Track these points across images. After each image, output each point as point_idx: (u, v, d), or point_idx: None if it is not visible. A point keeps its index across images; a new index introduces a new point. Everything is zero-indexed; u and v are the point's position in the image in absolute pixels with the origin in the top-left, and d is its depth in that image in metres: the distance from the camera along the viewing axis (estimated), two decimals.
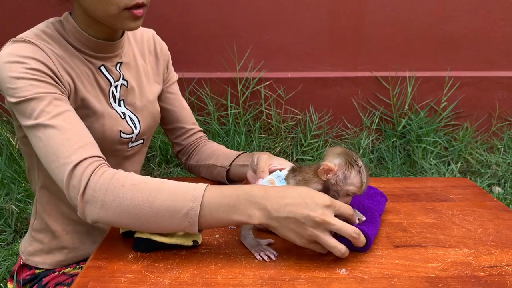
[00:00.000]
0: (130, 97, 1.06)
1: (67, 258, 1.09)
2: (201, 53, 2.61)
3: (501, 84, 2.65)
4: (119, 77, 1.04)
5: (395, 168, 2.51)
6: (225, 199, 0.77)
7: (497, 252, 0.84)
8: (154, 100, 1.14)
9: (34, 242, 1.10)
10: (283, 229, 0.76)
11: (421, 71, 2.64)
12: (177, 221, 0.76)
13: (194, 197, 0.76)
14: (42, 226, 1.08)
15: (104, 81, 1.01)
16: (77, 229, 1.08)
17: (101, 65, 1.00)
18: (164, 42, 1.21)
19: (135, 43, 1.12)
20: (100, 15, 0.90)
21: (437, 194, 1.11)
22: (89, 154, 0.82)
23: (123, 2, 0.87)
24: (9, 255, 1.86)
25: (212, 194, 0.77)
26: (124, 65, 1.06)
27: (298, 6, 2.53)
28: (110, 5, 0.87)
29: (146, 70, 1.13)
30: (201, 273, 0.76)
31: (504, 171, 2.46)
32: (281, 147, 2.60)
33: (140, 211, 0.77)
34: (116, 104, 1.03)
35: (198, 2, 2.52)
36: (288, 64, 2.63)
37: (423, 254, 0.82)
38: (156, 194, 0.77)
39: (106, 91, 1.01)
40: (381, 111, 2.66)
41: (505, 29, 2.57)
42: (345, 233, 0.75)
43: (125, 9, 0.88)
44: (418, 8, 2.53)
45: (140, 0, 0.88)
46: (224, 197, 0.77)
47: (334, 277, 0.75)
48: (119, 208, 0.77)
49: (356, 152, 0.86)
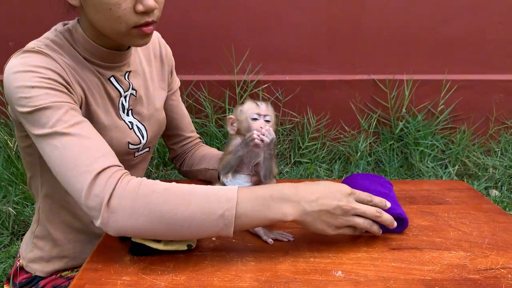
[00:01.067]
0: (138, 106, 1.05)
1: (66, 266, 1.09)
2: (199, 56, 2.61)
3: (498, 87, 2.66)
4: (129, 87, 1.02)
5: (393, 171, 2.51)
6: (258, 199, 0.78)
7: (492, 254, 0.84)
8: (160, 107, 1.13)
9: (35, 249, 1.09)
10: (316, 222, 0.80)
11: (419, 74, 2.64)
12: (213, 223, 0.75)
13: (229, 198, 0.76)
14: (44, 234, 1.07)
15: (115, 92, 0.99)
16: (79, 238, 1.07)
17: (111, 76, 0.98)
18: (168, 46, 1.20)
19: (140, 50, 1.10)
20: (108, 31, 0.87)
21: (434, 197, 1.12)
22: (111, 163, 0.80)
23: (132, 20, 0.84)
24: (6, 257, 1.86)
25: (245, 194, 0.78)
26: (132, 73, 1.04)
27: (296, 9, 2.54)
28: (119, 23, 0.84)
29: (152, 76, 1.11)
30: (197, 276, 0.76)
31: (501, 174, 2.46)
32: (279, 149, 2.61)
33: (174, 215, 0.75)
34: (125, 114, 1.02)
35: (197, 5, 2.52)
36: (286, 67, 2.64)
37: (419, 257, 0.83)
38: (190, 197, 0.76)
39: (116, 102, 0.99)
40: (379, 114, 2.67)
41: (502, 32, 2.58)
42: (370, 213, 0.83)
43: (134, 27, 0.85)
44: (415, 11, 2.54)
45: (150, 19, 0.86)
46: (257, 197, 0.78)
47: (330, 279, 0.75)
48: (152, 214, 0.75)
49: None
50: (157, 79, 1.13)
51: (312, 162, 2.56)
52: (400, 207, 0.95)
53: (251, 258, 0.82)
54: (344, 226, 0.83)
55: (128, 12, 0.83)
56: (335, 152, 2.64)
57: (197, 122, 2.55)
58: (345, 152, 2.62)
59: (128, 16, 0.83)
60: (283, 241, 0.88)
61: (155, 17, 0.88)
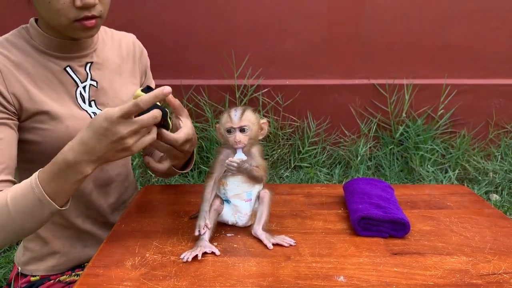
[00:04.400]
0: (101, 98, 1.07)
1: (59, 262, 1.10)
2: (199, 61, 2.61)
3: (498, 91, 2.66)
4: (87, 78, 1.04)
5: (393, 175, 2.51)
6: (55, 175, 0.81)
7: (495, 259, 0.84)
8: (129, 101, 1.14)
9: (26, 252, 1.11)
10: (113, 156, 0.81)
11: (418, 78, 2.65)
12: (39, 212, 0.81)
13: (34, 187, 0.80)
14: (32, 235, 1.08)
15: (70, 82, 1.02)
16: (66, 233, 1.09)
17: (66, 66, 1.01)
18: (144, 48, 1.22)
19: (112, 46, 1.13)
20: (53, 24, 0.93)
21: (435, 202, 1.12)
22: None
23: (72, 14, 0.89)
24: (5, 262, 1.85)
25: (43, 177, 0.81)
26: (95, 65, 1.06)
27: (296, 14, 2.55)
28: (59, 16, 0.89)
29: (121, 71, 1.13)
30: (199, 281, 0.76)
31: (501, 179, 2.46)
32: (279, 154, 2.61)
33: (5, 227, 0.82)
34: (86, 105, 1.04)
35: (197, 11, 2.53)
36: (286, 71, 2.64)
37: (421, 262, 0.82)
38: (8, 208, 0.81)
39: (73, 92, 1.02)
40: (379, 118, 2.67)
41: (502, 37, 2.59)
42: (146, 123, 0.81)
43: (76, 21, 0.90)
44: (415, 16, 2.55)
45: (89, 13, 0.90)
46: (53, 175, 0.81)
47: (332, 284, 0.75)
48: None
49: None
50: (127, 75, 1.15)
51: (312, 167, 2.56)
52: (401, 212, 0.95)
53: (253, 264, 0.82)
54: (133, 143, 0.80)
55: (67, 6, 0.88)
56: (335, 156, 2.64)
57: (197, 126, 2.55)
58: (345, 157, 2.62)
59: (67, 10, 0.88)
60: (284, 246, 0.88)
61: (97, 12, 0.92)
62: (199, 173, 2.48)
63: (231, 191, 0.92)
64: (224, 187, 0.92)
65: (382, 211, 0.93)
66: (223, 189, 0.93)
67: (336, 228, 0.97)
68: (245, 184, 0.92)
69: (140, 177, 2.46)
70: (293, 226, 0.98)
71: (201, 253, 0.83)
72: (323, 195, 1.15)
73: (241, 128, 0.90)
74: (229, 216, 0.94)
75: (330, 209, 1.07)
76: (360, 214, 0.92)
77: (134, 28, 1.19)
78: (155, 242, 0.90)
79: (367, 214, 0.92)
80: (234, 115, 0.90)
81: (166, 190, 1.21)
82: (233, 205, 0.93)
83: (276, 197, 1.08)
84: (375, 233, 0.92)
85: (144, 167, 2.51)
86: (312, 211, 1.06)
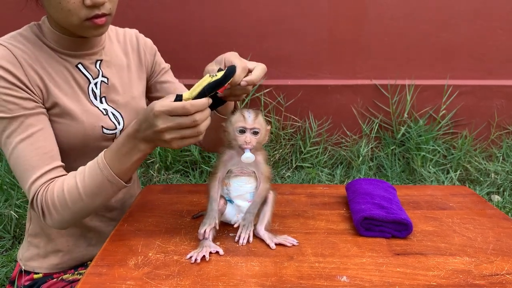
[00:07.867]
0: (111, 94, 1.08)
1: (62, 261, 1.10)
2: (201, 60, 2.59)
3: (500, 92, 2.66)
4: (98, 74, 1.06)
5: (395, 175, 2.51)
6: (120, 154, 0.87)
7: (497, 260, 0.84)
8: (138, 96, 1.15)
9: (30, 247, 1.11)
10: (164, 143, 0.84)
11: (420, 79, 2.64)
12: (108, 191, 0.89)
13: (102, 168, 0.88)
14: (37, 231, 1.10)
15: (82, 78, 1.03)
16: (72, 231, 1.10)
17: (78, 63, 1.03)
18: (148, 38, 1.23)
19: (117, 43, 1.14)
20: (64, 24, 0.93)
21: (437, 202, 1.12)
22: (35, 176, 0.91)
23: (82, 13, 0.90)
24: (8, 261, 1.86)
25: (110, 157, 0.88)
26: (104, 62, 1.08)
27: (298, 14, 2.55)
28: (71, 16, 0.90)
29: (129, 67, 1.15)
30: (202, 281, 0.76)
31: (503, 180, 2.46)
32: (281, 154, 2.61)
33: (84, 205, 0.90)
34: (98, 101, 1.05)
35: (199, 10, 2.53)
36: (287, 71, 2.64)
37: (423, 262, 0.83)
38: (82, 190, 0.89)
39: (85, 89, 1.03)
40: (380, 119, 2.67)
41: (503, 38, 2.58)
42: (184, 124, 0.82)
43: (87, 20, 0.91)
44: (417, 17, 2.55)
45: (100, 12, 0.91)
46: (119, 154, 0.88)
47: (335, 285, 0.75)
48: (72, 210, 0.90)
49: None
50: (135, 70, 1.16)
51: (314, 167, 2.56)
52: (404, 212, 0.95)
53: (256, 263, 0.82)
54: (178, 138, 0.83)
55: (77, 6, 0.89)
56: (337, 156, 2.64)
57: None
58: (346, 157, 2.62)
59: (78, 9, 0.89)
60: (287, 246, 0.88)
61: (106, 10, 0.92)
62: (200, 173, 2.48)
63: (234, 192, 0.92)
64: (227, 187, 0.93)
65: (384, 212, 0.93)
66: (226, 190, 0.93)
67: (338, 228, 0.97)
68: (248, 185, 0.92)
69: (142, 177, 2.47)
70: (296, 226, 0.98)
71: (208, 253, 0.84)
72: (326, 195, 1.16)
73: (253, 129, 0.89)
74: (232, 216, 0.94)
75: (333, 209, 1.07)
76: (363, 215, 0.93)
77: (134, 28, 1.21)
78: (158, 242, 0.90)
79: (369, 215, 0.92)
80: (248, 116, 0.89)
81: (167, 190, 1.22)
82: (236, 205, 0.93)
83: (279, 197, 1.08)
84: (377, 233, 0.92)
85: (145, 167, 2.52)
86: (315, 211, 1.06)
